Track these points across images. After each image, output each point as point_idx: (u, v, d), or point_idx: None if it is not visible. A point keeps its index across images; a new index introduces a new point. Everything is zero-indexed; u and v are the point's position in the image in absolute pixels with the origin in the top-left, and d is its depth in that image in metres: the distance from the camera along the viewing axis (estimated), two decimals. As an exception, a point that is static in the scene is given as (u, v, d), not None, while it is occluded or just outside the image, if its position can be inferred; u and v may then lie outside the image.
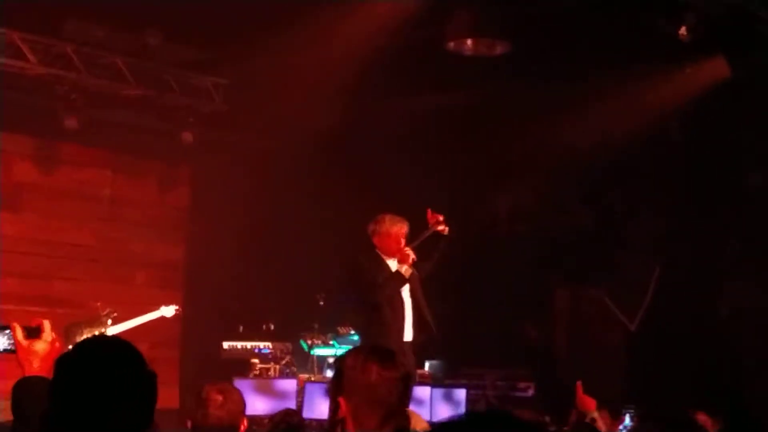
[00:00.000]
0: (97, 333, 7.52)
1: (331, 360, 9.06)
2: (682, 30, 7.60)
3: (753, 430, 4.68)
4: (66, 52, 8.96)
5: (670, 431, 2.43)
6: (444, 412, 8.96)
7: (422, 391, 8.73)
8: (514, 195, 10.83)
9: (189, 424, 3.85)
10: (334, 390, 2.55)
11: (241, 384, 6.30)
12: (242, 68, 9.58)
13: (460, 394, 9.49)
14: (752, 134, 9.21)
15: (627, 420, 8.21)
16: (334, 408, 2.53)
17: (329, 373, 8.46)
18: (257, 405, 7.84)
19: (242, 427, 3.87)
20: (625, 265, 10.20)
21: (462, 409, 9.05)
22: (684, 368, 9.21)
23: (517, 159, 10.19)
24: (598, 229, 10.33)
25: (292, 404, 7.64)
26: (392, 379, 2.53)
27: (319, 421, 6.92)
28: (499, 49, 8.31)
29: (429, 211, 7.20)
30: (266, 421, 4.29)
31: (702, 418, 4.99)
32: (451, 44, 8.27)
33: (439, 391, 9.21)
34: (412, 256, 7.04)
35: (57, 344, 2.70)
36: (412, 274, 7.10)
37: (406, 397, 2.68)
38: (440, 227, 7.13)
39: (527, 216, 10.73)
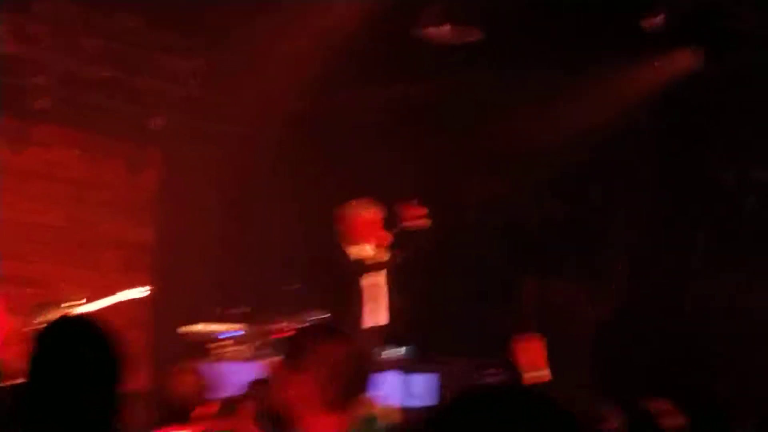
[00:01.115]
0: (64, 313, 7.48)
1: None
2: (652, 22, 7.66)
3: (718, 423, 4.75)
4: (35, 31, 8.86)
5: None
6: (411, 397, 9.02)
7: (390, 377, 8.77)
8: (486, 185, 10.86)
9: (155, 404, 3.87)
10: (291, 368, 2.55)
11: (209, 367, 6.31)
12: (216, 53, 9.53)
13: (428, 379, 9.55)
14: (723, 129, 9.30)
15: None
16: (295, 385, 2.54)
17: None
18: (225, 388, 7.82)
19: (207, 410, 3.89)
20: (595, 257, 10.28)
21: (430, 395, 9.10)
22: (652, 361, 9.31)
23: (488, 150, 10.22)
24: (569, 220, 10.40)
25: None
26: (353, 356, 2.58)
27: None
28: (470, 37, 8.34)
29: (413, 202, 7.21)
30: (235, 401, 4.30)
31: (659, 406, 5.02)
32: (423, 31, 8.28)
33: (406, 377, 9.25)
34: (384, 242, 7.07)
35: (8, 322, 2.70)
36: (384, 261, 7.13)
37: (364, 376, 2.72)
38: (420, 221, 7.14)
39: (498, 206, 10.78)
